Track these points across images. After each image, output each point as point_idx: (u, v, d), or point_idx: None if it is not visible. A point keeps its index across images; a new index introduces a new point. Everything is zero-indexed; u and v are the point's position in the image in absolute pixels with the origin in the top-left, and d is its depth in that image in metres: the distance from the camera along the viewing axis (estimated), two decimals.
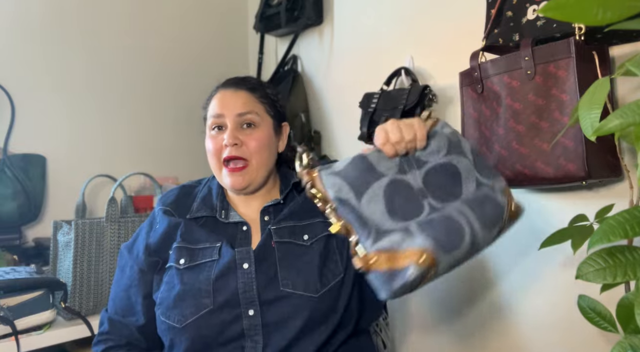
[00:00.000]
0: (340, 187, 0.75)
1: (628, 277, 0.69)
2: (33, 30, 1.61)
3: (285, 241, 0.98)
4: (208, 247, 0.99)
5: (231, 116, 1.02)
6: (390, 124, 0.81)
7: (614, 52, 1.07)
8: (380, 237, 0.73)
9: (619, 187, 1.06)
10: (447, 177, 0.81)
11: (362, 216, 0.74)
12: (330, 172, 0.77)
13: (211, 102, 1.08)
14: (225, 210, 1.05)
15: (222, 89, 1.08)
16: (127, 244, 1.09)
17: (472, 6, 1.31)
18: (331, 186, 0.75)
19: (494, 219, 0.79)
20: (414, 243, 0.72)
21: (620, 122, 0.62)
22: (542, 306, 1.20)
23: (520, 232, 1.24)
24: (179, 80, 1.96)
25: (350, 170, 0.77)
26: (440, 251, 0.71)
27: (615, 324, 0.84)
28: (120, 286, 1.05)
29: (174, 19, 1.95)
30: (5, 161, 1.51)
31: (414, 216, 0.76)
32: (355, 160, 0.78)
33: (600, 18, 0.61)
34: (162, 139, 1.91)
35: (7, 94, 1.54)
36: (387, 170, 0.78)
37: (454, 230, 0.74)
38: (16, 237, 1.52)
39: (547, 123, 1.02)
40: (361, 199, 0.75)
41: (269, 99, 1.08)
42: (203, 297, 0.92)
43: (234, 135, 1.00)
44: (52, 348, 1.21)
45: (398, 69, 1.49)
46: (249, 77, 1.13)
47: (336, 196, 0.75)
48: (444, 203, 0.78)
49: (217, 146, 1.02)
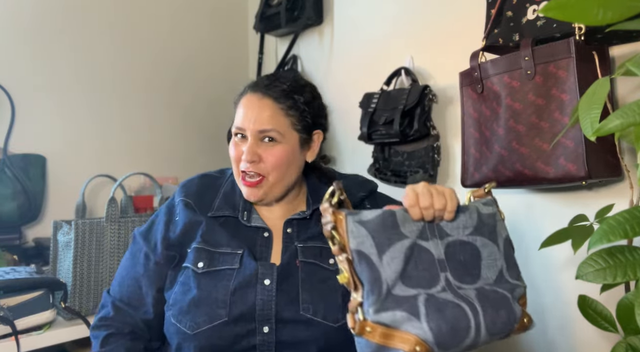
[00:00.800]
0: (364, 240, 0.70)
1: (628, 277, 0.69)
2: (33, 31, 1.61)
3: (310, 262, 0.95)
4: (229, 254, 0.96)
5: (252, 131, 0.97)
6: (422, 187, 0.78)
7: (614, 52, 1.07)
8: (384, 306, 0.68)
9: (619, 187, 1.06)
10: (467, 256, 0.77)
11: (376, 277, 0.69)
12: (357, 219, 0.72)
13: (239, 105, 1.02)
14: (248, 212, 1.02)
15: (249, 91, 1.01)
16: (142, 231, 1.05)
17: (472, 6, 1.31)
18: (356, 235, 0.71)
19: (502, 328, 0.74)
20: (414, 328, 0.67)
21: (620, 122, 0.62)
22: (542, 305, 1.20)
23: (520, 232, 1.25)
24: (179, 80, 1.96)
25: (377, 224, 0.72)
26: (436, 347, 0.67)
27: (615, 324, 0.84)
28: (130, 272, 1.01)
29: (174, 19, 1.95)
30: (5, 161, 1.51)
31: (428, 286, 0.72)
32: (384, 215, 0.73)
33: (600, 18, 0.61)
34: (162, 139, 1.91)
35: (7, 94, 1.54)
36: (410, 233, 0.74)
37: (460, 329, 0.69)
38: (16, 237, 1.52)
39: (547, 123, 1.02)
40: (382, 257, 0.71)
41: (298, 110, 0.99)
42: (219, 307, 0.90)
43: (253, 151, 0.96)
44: (52, 348, 1.21)
45: (398, 69, 1.49)
46: (283, 78, 1.02)
47: (357, 248, 0.70)
48: (461, 283, 0.74)
49: (237, 155, 1.00)
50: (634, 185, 0.92)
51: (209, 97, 2.04)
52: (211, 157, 2.02)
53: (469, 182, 1.21)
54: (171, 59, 1.94)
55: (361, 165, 1.64)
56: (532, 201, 1.22)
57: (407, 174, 1.44)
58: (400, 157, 1.48)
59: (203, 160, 2.01)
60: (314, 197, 1.05)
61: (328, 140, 1.80)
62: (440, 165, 1.42)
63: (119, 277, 1.03)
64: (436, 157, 1.40)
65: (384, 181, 1.51)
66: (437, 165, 1.41)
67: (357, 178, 1.14)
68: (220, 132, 2.03)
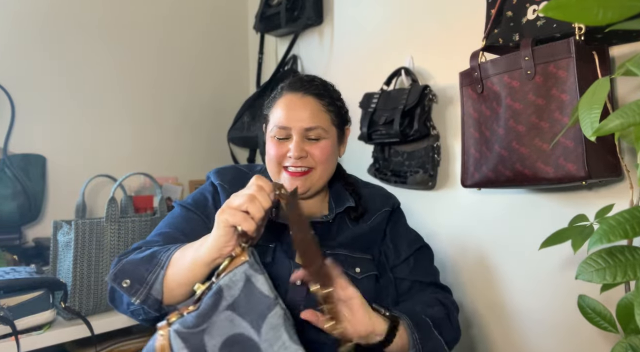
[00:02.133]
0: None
1: (628, 277, 0.69)
2: (33, 31, 1.61)
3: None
4: (262, 246, 0.96)
5: (298, 129, 0.97)
6: None
7: (614, 52, 1.07)
8: None
9: (619, 187, 1.06)
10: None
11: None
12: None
13: (276, 105, 1.01)
14: (276, 208, 1.01)
15: (288, 92, 1.00)
16: (189, 202, 1.03)
17: (472, 6, 1.31)
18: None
19: None
20: None
21: (620, 122, 0.62)
22: (542, 305, 1.20)
23: (520, 232, 1.25)
24: (179, 80, 1.96)
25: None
26: None
27: (615, 324, 0.84)
28: (179, 228, 0.98)
29: (173, 19, 1.95)
30: (5, 161, 1.51)
31: None
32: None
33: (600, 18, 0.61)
34: (162, 139, 1.91)
35: (7, 94, 1.54)
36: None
37: None
38: (16, 237, 1.52)
39: (547, 123, 1.02)
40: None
41: (335, 106, 1.02)
42: None
43: (301, 148, 0.97)
44: (52, 348, 1.21)
45: (398, 69, 1.49)
46: (316, 78, 1.04)
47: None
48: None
49: (281, 153, 0.99)
50: (634, 185, 0.92)
51: (209, 97, 2.04)
52: (211, 157, 2.02)
53: (469, 182, 1.21)
54: (171, 59, 1.94)
55: (361, 165, 1.64)
56: (532, 201, 1.22)
57: (407, 174, 1.44)
58: (400, 157, 1.48)
59: (203, 160, 2.01)
60: (336, 202, 1.07)
61: None
62: (440, 165, 1.42)
63: (158, 230, 0.99)
64: (436, 157, 1.40)
65: (384, 181, 1.51)
66: (437, 165, 1.41)
67: (381, 190, 1.15)
68: (220, 132, 2.03)
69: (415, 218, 1.48)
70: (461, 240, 1.38)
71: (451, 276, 1.40)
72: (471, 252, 1.36)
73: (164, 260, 0.85)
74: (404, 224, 1.13)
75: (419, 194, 1.48)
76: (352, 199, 1.07)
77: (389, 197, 1.13)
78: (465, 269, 1.37)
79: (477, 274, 1.34)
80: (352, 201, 1.06)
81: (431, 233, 1.44)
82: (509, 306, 1.27)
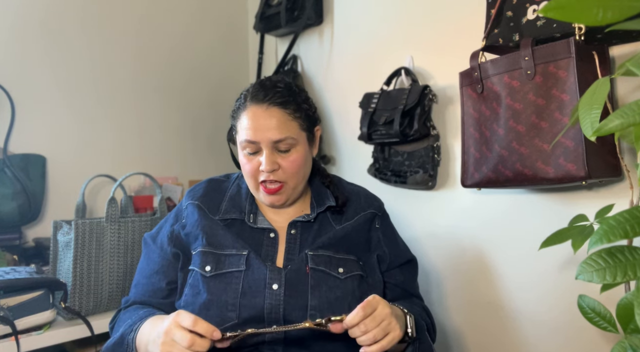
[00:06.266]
0: None
1: (628, 277, 0.69)
2: (33, 30, 1.61)
3: (320, 269, 0.97)
4: (234, 255, 0.97)
5: (266, 142, 0.97)
6: (380, 315, 0.85)
7: (614, 52, 1.07)
8: None
9: (619, 187, 1.06)
10: None
11: None
12: None
13: (241, 118, 1.00)
14: (254, 214, 1.05)
15: (252, 104, 0.98)
16: (151, 234, 1.09)
17: (472, 6, 1.31)
18: None
19: None
20: None
21: (620, 122, 0.62)
22: (542, 306, 1.20)
23: (520, 232, 1.25)
24: (178, 80, 1.96)
25: None
26: None
27: (615, 324, 0.84)
28: (144, 273, 1.05)
29: (173, 19, 1.95)
30: (5, 161, 1.51)
31: None
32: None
33: (600, 18, 0.60)
34: (163, 139, 1.91)
35: (7, 94, 1.54)
36: None
37: None
38: (16, 237, 1.52)
39: (547, 123, 1.02)
40: None
41: (302, 111, 1.01)
42: (229, 310, 0.92)
43: (272, 161, 0.97)
44: (52, 348, 1.21)
45: (398, 69, 1.49)
46: (279, 82, 1.02)
47: None
48: None
49: (254, 168, 1.00)
50: (634, 185, 0.92)
51: (209, 97, 2.04)
52: (211, 157, 2.02)
53: (469, 182, 1.21)
54: (171, 59, 1.94)
55: (361, 165, 1.64)
56: (532, 201, 1.22)
57: (407, 174, 1.44)
58: (400, 157, 1.48)
59: (203, 160, 2.01)
60: (318, 201, 1.08)
61: (328, 140, 1.80)
62: (440, 165, 1.42)
63: (135, 281, 1.07)
64: (436, 157, 1.40)
65: (384, 181, 1.51)
66: (437, 165, 1.41)
67: (365, 190, 1.17)
68: (220, 132, 2.03)
69: (415, 218, 1.48)
70: (461, 240, 1.38)
71: (451, 276, 1.40)
72: (471, 252, 1.36)
73: (130, 344, 0.91)
74: (393, 229, 1.15)
75: (419, 194, 1.48)
76: (332, 198, 1.08)
77: (374, 199, 1.14)
78: (465, 269, 1.37)
79: (477, 274, 1.34)
80: (332, 199, 1.07)
81: (431, 233, 1.44)
82: (509, 306, 1.27)
